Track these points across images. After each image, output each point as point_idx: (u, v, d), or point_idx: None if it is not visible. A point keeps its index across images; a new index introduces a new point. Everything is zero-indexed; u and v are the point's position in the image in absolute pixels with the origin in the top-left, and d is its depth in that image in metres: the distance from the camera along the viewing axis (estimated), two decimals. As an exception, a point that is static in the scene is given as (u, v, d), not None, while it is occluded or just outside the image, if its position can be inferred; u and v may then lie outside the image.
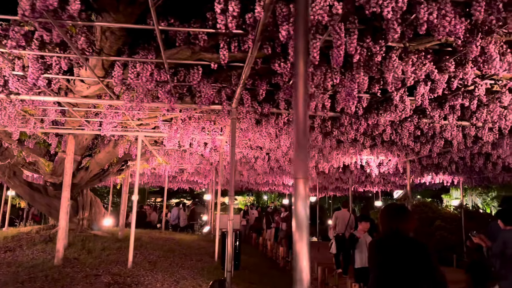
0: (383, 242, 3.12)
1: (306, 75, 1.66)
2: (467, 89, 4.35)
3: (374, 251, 3.06)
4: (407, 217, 2.97)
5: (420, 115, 5.40)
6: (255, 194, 38.27)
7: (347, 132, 5.97)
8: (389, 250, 2.95)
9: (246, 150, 8.51)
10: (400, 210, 3.04)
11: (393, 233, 3.01)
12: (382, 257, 2.97)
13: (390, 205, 3.20)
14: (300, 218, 1.59)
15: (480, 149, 6.82)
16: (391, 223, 3.02)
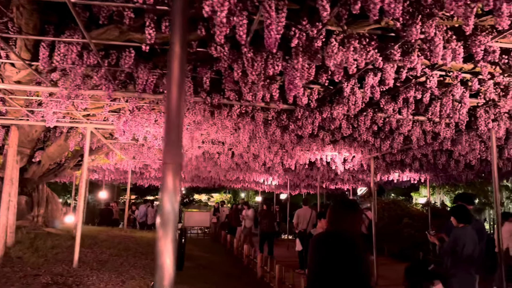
0: (321, 239, 2.92)
1: (184, 54, 1.42)
2: (419, 81, 4.19)
3: (311, 247, 2.86)
4: (351, 214, 2.78)
5: (375, 109, 5.24)
6: (232, 192, 38.01)
7: (304, 126, 5.75)
8: (324, 246, 2.75)
9: (207, 145, 8.22)
10: (347, 207, 2.86)
11: (333, 229, 2.82)
12: (317, 253, 2.77)
13: (339, 200, 3.01)
14: (166, 213, 1.34)
15: (440, 145, 6.73)
16: (334, 219, 2.82)
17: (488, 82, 3.94)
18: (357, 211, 2.83)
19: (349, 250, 2.63)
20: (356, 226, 2.79)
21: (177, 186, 1.34)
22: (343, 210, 2.83)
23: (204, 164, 10.38)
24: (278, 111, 5.52)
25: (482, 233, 5.14)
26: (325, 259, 2.66)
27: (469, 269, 4.39)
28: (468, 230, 4.52)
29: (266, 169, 11.73)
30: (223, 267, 8.84)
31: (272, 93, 4.20)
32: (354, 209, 2.83)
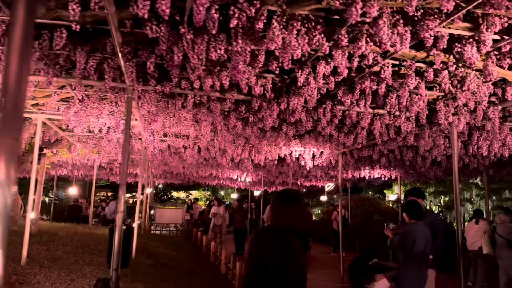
0: (256, 234, 2.73)
1: (27, 17, 1.19)
2: (373, 71, 4.05)
3: (250, 241, 2.66)
4: (293, 207, 2.57)
5: (334, 101, 5.09)
6: (211, 189, 37.64)
7: (264, 118, 5.57)
8: (255, 242, 2.56)
9: (171, 138, 7.95)
10: (288, 199, 2.64)
11: (273, 223, 2.62)
12: (249, 249, 2.58)
13: (280, 193, 2.77)
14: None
15: (404, 140, 6.65)
16: (274, 213, 2.62)
17: (443, 72, 3.83)
18: (299, 204, 2.62)
19: (280, 247, 2.42)
20: (298, 220, 2.58)
21: (11, 169, 1.10)
22: (284, 203, 2.62)
23: (170, 159, 10.09)
24: (236, 102, 5.32)
25: (437, 227, 5.07)
26: (256, 255, 2.47)
27: (420, 266, 4.31)
28: (419, 226, 4.43)
29: (236, 165, 11.52)
30: (187, 264, 8.60)
31: (222, 81, 3.98)
32: (296, 202, 2.61)
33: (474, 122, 5.40)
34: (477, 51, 3.28)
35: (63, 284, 5.36)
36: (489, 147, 6.92)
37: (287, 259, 2.36)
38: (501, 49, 3.28)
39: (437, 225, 5.10)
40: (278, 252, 2.39)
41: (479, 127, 5.76)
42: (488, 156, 8.08)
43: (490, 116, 4.95)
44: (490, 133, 6.02)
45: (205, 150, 9.01)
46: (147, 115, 5.57)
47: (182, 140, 8.03)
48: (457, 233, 5.27)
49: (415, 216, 4.49)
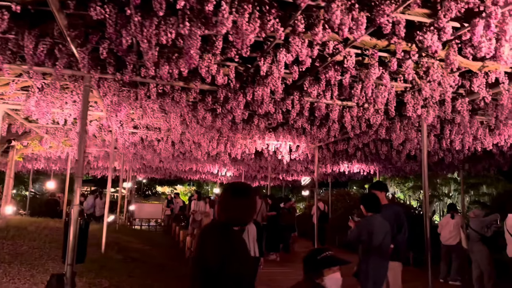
0: (202, 231, 2.59)
1: None
2: (337, 60, 3.94)
3: (196, 239, 2.52)
4: (241, 201, 2.38)
5: (302, 92, 4.97)
6: (196, 184, 37.39)
7: (233, 109, 5.43)
8: (200, 239, 2.41)
9: (142, 130, 7.75)
10: (236, 193, 2.44)
11: (220, 219, 2.45)
12: (195, 246, 2.43)
13: (228, 186, 2.57)
14: None
15: (376, 134, 6.59)
16: (221, 207, 2.42)
17: (407, 62, 3.74)
18: (248, 197, 2.41)
19: (222, 245, 2.25)
20: (247, 214, 2.41)
21: None
22: (232, 197, 2.43)
23: (144, 152, 9.88)
24: (202, 93, 5.17)
25: (402, 219, 5.05)
26: (199, 254, 2.33)
27: (380, 259, 4.26)
28: (376, 219, 4.37)
29: (213, 159, 11.37)
30: (159, 259, 8.45)
31: (181, 69, 3.82)
32: (244, 195, 2.42)
33: (444, 115, 5.35)
34: (438, 40, 3.19)
35: (21, 280, 5.17)
36: (462, 141, 6.91)
37: (228, 258, 2.20)
38: (462, 37, 3.19)
39: (402, 217, 5.06)
40: (219, 250, 2.23)
41: (450, 121, 5.72)
42: (462, 151, 8.11)
43: (458, 109, 4.91)
44: (461, 127, 5.99)
45: (179, 143, 8.84)
46: (110, 105, 5.37)
47: (154, 132, 7.85)
48: (425, 227, 5.24)
49: (372, 209, 4.45)
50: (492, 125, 6.00)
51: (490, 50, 3.11)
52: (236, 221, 2.39)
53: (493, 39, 3.10)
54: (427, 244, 5.17)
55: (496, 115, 5.10)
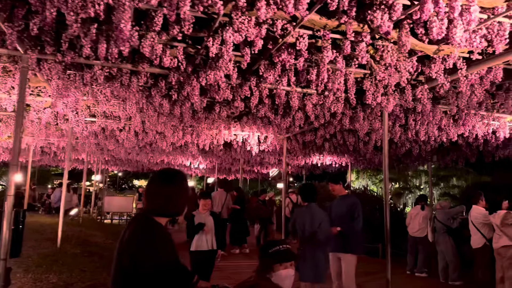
0: (128, 221, 2.36)
1: None
2: (289, 42, 3.73)
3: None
4: (167, 188, 2.15)
5: (260, 78, 4.76)
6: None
7: (190, 95, 5.17)
8: (125, 231, 2.16)
9: (101, 119, 7.40)
10: (163, 179, 2.20)
11: (144, 208, 2.20)
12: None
13: (156, 172, 2.31)
14: None
15: (340, 123, 6.46)
16: (147, 196, 2.20)
17: (360, 45, 3.56)
18: (175, 184, 2.18)
19: (140, 237, 2.05)
20: (174, 203, 2.16)
21: None
22: (156, 183, 2.20)
23: (106, 142, 9.51)
24: (155, 77, 4.89)
25: (355, 209, 5.02)
26: (118, 247, 2.11)
27: (317, 246, 4.33)
28: (311, 208, 4.58)
29: (182, 150, 11.08)
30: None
31: (120, 48, 3.54)
32: (171, 182, 2.17)
33: (405, 104, 5.23)
34: (389, 19, 3.02)
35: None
36: (427, 132, 6.86)
37: (142, 252, 2.00)
38: (413, 16, 3.02)
39: (357, 208, 4.98)
40: (133, 243, 2.03)
41: (413, 110, 5.61)
42: (428, 142, 8.08)
43: (418, 97, 4.79)
44: (425, 117, 5.90)
45: (143, 133, 8.52)
46: (57, 90, 5.03)
47: (114, 121, 7.51)
48: (385, 219, 5.13)
49: (308, 199, 4.66)
50: (455, 115, 5.92)
51: (442, 31, 2.95)
52: (162, 210, 2.15)
53: (445, 19, 2.95)
54: (387, 236, 5.06)
55: (457, 104, 5.01)
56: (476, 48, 3.51)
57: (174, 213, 2.23)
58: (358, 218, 4.97)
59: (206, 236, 5.24)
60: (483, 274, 7.04)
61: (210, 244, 5.28)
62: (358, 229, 4.99)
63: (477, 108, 5.47)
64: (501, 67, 3.90)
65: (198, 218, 5.32)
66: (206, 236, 5.24)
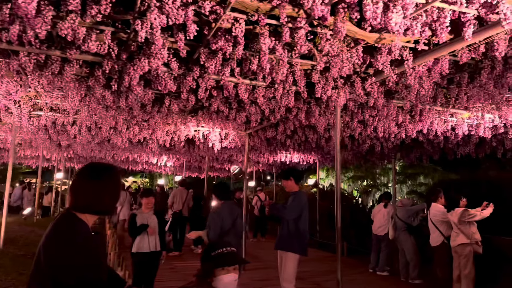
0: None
1: None
2: (225, 28, 3.48)
3: None
4: (94, 184, 1.95)
5: (205, 68, 4.48)
6: (149, 176, 36.17)
7: (132, 87, 4.85)
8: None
9: (47, 113, 6.96)
10: (90, 174, 1.99)
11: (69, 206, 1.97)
12: None
13: (84, 166, 2.08)
14: None
15: (296, 118, 6.25)
16: (71, 192, 1.98)
17: (299, 32, 3.33)
18: (102, 180, 1.97)
19: (57, 239, 1.84)
20: (101, 200, 1.94)
21: None
22: (81, 178, 1.99)
23: (58, 137, 9.04)
24: (91, 66, 4.56)
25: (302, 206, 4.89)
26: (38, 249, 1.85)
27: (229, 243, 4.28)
28: (226, 205, 4.76)
29: (142, 147, 10.69)
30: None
31: (36, 30, 3.19)
32: (98, 177, 1.97)
33: (358, 98, 5.07)
34: (323, 3, 2.80)
35: None
36: (385, 128, 6.73)
37: (61, 251, 1.78)
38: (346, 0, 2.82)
39: (303, 206, 4.79)
40: (54, 241, 1.82)
41: (367, 105, 5.44)
42: (389, 139, 7.98)
43: (368, 90, 4.62)
44: (380, 112, 5.75)
45: (96, 128, 8.12)
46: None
47: (62, 115, 7.09)
48: (336, 217, 4.94)
49: (223, 197, 4.84)
50: (411, 111, 5.80)
51: (376, 15, 2.75)
52: (86, 208, 1.93)
53: (380, 2, 2.75)
54: (338, 234, 4.88)
55: (409, 98, 4.86)
56: (420, 37, 3.34)
57: (100, 211, 2.01)
58: (303, 217, 4.77)
59: (149, 237, 4.94)
60: (441, 272, 6.99)
61: (153, 245, 4.98)
62: (304, 228, 4.79)
63: (431, 103, 5.35)
64: (447, 58, 3.75)
65: (141, 218, 5.01)
66: (149, 237, 4.94)
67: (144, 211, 5.10)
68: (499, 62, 3.81)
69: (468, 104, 5.46)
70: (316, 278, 7.97)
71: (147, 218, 5.02)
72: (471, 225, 6.54)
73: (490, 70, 3.91)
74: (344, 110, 6.07)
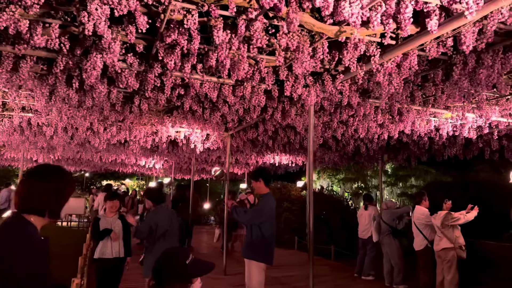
0: None
1: None
2: (176, 19, 3.26)
3: None
4: (40, 185, 1.89)
5: (167, 66, 4.27)
6: (146, 178, 35.87)
7: (93, 86, 4.65)
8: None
9: (18, 112, 6.73)
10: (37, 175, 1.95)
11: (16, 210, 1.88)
12: None
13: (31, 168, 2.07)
14: None
15: (272, 118, 6.04)
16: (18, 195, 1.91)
17: (255, 24, 3.12)
18: (49, 181, 1.91)
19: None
20: (46, 202, 1.86)
21: None
22: (30, 180, 1.92)
23: (35, 139, 8.81)
24: (49, 62, 4.34)
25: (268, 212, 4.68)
26: None
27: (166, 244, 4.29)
28: (161, 209, 4.74)
29: (124, 148, 10.46)
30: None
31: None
32: (44, 178, 1.92)
33: (330, 97, 4.86)
34: (273, -9, 2.60)
35: None
36: (367, 129, 6.53)
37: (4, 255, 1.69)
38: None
39: (263, 211, 4.52)
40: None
41: (339, 104, 5.23)
42: (373, 140, 7.78)
43: (338, 88, 4.41)
44: (358, 112, 5.54)
45: (73, 129, 7.90)
46: None
47: (35, 115, 6.87)
48: (308, 223, 4.72)
49: (157, 201, 4.79)
50: (388, 110, 5.60)
51: (328, 4, 2.54)
52: (27, 209, 1.84)
53: (333, -11, 2.55)
54: (309, 238, 4.65)
55: (382, 97, 4.66)
56: (384, 30, 3.13)
57: (40, 211, 1.87)
58: (267, 224, 4.48)
59: (112, 243, 4.71)
60: (425, 277, 6.78)
61: (117, 251, 4.75)
62: (265, 234, 4.50)
63: (408, 102, 5.15)
64: (416, 53, 3.54)
65: (104, 222, 4.78)
66: (113, 242, 4.72)
67: (108, 215, 4.87)
68: (471, 57, 3.60)
69: (447, 103, 5.27)
70: (299, 283, 7.76)
71: (111, 223, 4.79)
72: (454, 229, 6.34)
73: (462, 66, 3.71)
74: (322, 110, 5.87)
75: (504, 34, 3.46)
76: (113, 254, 4.67)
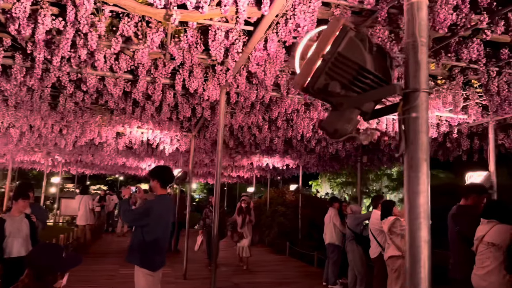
0: None
1: None
2: (4, 7, 3.11)
3: None
4: None
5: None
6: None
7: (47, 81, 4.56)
8: None
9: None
10: None
11: None
12: None
13: None
14: None
15: (203, 116, 5.81)
16: None
17: (82, 8, 2.91)
18: None
19: None
20: None
21: None
22: None
23: (5, 140, 9.04)
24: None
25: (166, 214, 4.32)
26: None
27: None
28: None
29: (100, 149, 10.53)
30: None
31: None
32: None
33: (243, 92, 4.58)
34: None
35: None
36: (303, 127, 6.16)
37: None
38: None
39: (153, 215, 4.11)
40: None
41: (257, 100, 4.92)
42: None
43: (238, 81, 4.14)
44: (275, 108, 5.19)
45: (39, 130, 8.00)
46: None
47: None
48: (213, 225, 4.43)
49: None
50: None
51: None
52: None
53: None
54: (213, 244, 4.38)
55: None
56: (222, 14, 2.86)
57: None
58: (146, 226, 4.06)
59: (18, 242, 4.65)
60: (377, 287, 6.25)
61: (25, 250, 4.66)
62: (147, 239, 4.04)
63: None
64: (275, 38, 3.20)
65: (10, 222, 4.71)
66: (19, 241, 4.65)
67: (15, 214, 4.80)
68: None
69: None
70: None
71: (18, 222, 4.72)
72: (404, 236, 5.79)
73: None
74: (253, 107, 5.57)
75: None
76: (19, 253, 4.59)
